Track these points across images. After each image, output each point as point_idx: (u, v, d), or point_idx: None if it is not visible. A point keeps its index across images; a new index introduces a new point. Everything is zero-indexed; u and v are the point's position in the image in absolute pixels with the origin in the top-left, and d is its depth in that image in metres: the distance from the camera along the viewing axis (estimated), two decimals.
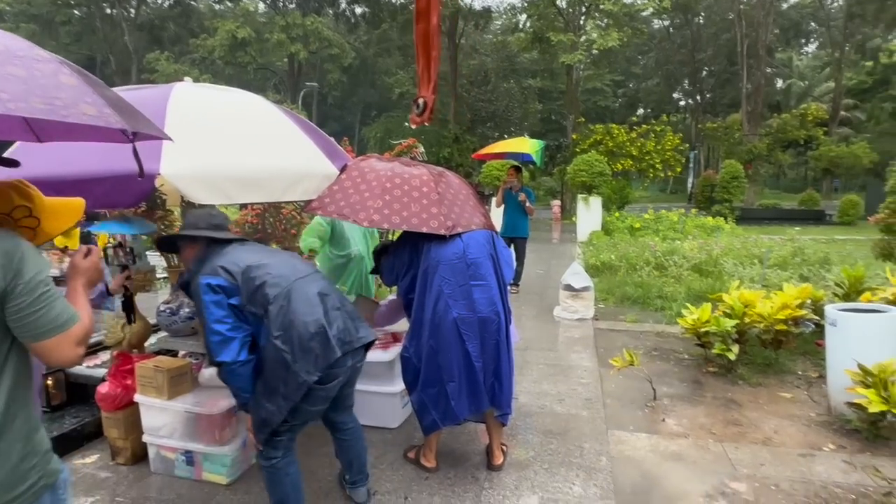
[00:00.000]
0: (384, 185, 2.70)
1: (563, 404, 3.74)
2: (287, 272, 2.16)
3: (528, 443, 3.18)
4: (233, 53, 21.87)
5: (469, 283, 2.64)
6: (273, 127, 2.85)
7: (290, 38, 20.82)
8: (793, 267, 7.42)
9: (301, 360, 2.02)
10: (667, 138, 19.41)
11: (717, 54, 32.86)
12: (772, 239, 10.03)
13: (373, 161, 2.99)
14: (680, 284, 7.03)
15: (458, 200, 2.82)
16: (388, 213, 2.63)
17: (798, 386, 4.00)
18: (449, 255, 2.65)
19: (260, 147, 2.67)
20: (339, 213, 2.67)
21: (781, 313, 4.17)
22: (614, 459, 2.99)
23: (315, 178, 2.78)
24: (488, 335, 2.67)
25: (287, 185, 2.67)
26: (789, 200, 25.45)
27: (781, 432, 3.30)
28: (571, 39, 18.70)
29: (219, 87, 3.00)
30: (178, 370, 2.79)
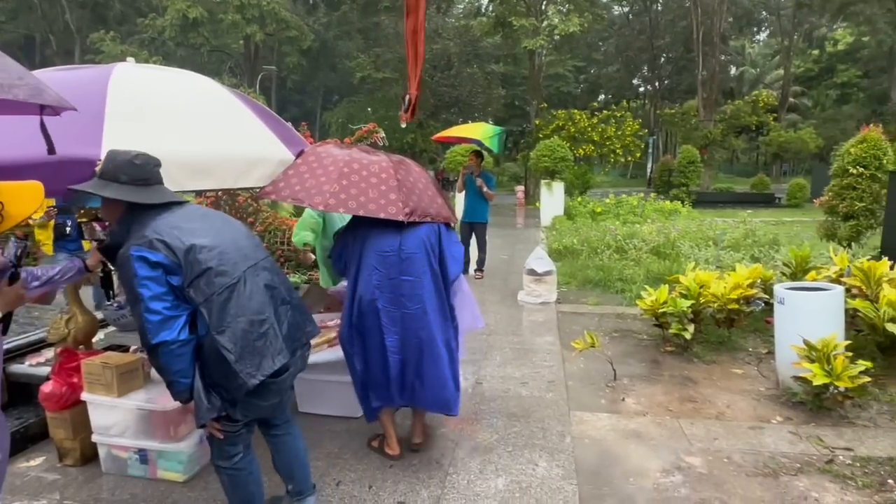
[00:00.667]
0: (341, 170, 2.63)
1: (526, 387, 3.79)
2: (237, 258, 1.92)
3: (493, 426, 3.21)
4: (184, 34, 20.89)
5: (399, 277, 2.61)
6: (224, 110, 2.73)
7: (246, 18, 20.03)
8: (745, 248, 7.71)
9: (244, 361, 1.81)
10: (627, 124, 19.83)
11: (675, 41, 33.58)
12: (725, 222, 10.40)
13: (330, 147, 2.93)
14: (639, 267, 7.21)
15: (416, 188, 2.78)
16: (345, 198, 2.56)
17: (749, 362, 4.18)
18: (383, 247, 2.63)
19: (210, 131, 2.55)
20: (294, 198, 2.59)
21: (734, 293, 4.33)
22: (576, 440, 3.05)
23: (270, 163, 2.68)
24: (411, 332, 2.63)
25: (240, 172, 2.57)
26: (742, 184, 26.45)
27: (733, 406, 3.44)
28: (533, 24, 18.74)
29: (164, 68, 2.86)
30: (127, 366, 2.67)
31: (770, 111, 26.11)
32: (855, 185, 7.15)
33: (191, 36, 21.23)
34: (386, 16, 25.82)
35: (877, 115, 24.88)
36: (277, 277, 2.07)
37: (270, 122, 2.93)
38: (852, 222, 7.25)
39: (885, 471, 2.66)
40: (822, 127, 29.12)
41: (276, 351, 1.89)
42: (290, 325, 2.01)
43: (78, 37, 22.98)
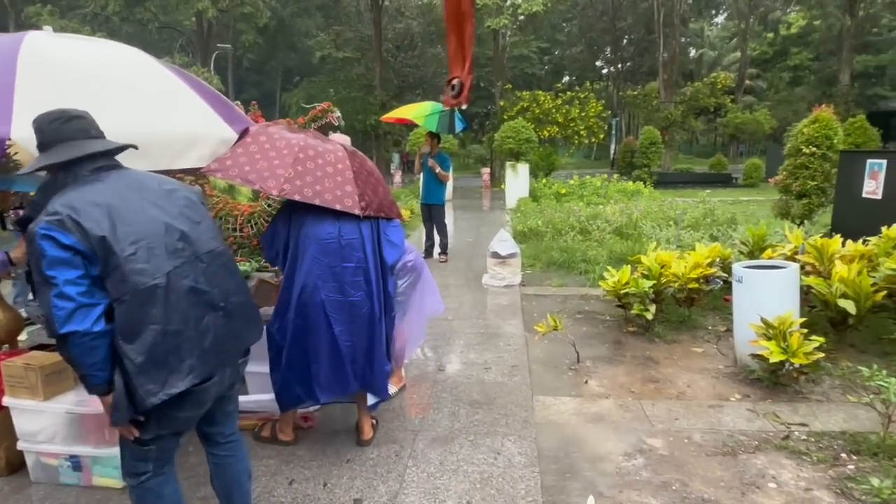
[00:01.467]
0: (296, 155, 2.47)
1: (489, 373, 3.72)
2: (163, 253, 1.64)
3: (455, 415, 3.13)
4: (130, 9, 19.61)
5: (341, 264, 2.51)
6: (158, 85, 2.49)
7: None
8: (704, 227, 7.85)
9: (146, 375, 1.55)
10: (590, 105, 19.93)
11: (637, 23, 33.83)
12: (685, 202, 10.58)
13: (281, 128, 2.73)
14: (602, 248, 7.24)
15: (370, 182, 2.68)
16: (300, 185, 2.41)
17: (708, 340, 4.23)
18: (322, 235, 2.50)
19: (141, 107, 2.31)
20: (244, 179, 2.39)
21: (694, 272, 4.35)
22: (539, 425, 3.00)
23: (210, 142, 2.47)
24: (359, 318, 2.56)
25: (177, 152, 2.35)
26: (701, 165, 27.07)
27: (693, 385, 3.46)
28: (497, 3, 18.47)
29: (87, 38, 2.58)
30: (54, 366, 2.44)
31: (727, 93, 26.72)
32: (807, 165, 7.34)
33: (137, 11, 19.98)
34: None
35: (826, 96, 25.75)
36: (215, 278, 1.77)
37: (210, 99, 2.70)
38: (805, 201, 7.46)
39: (839, 445, 2.71)
40: (775, 108, 29.99)
41: (188, 369, 1.63)
42: (219, 336, 1.74)
43: (12, 11, 21.36)
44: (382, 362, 2.69)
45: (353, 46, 25.16)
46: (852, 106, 23.40)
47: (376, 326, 2.62)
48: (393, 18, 28.24)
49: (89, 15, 20.74)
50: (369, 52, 24.89)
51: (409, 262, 3.33)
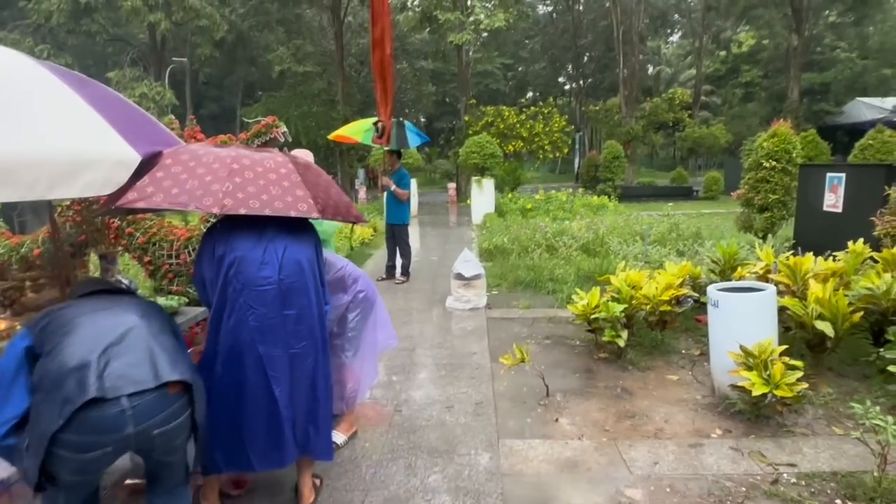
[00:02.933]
0: (230, 167, 2.10)
1: (451, 412, 3.37)
2: (87, 309, 1.81)
3: (412, 468, 2.76)
4: (76, 20, 18.71)
5: (283, 312, 2.14)
6: (36, 96, 2.06)
7: (148, 5, 18.19)
8: (670, 242, 7.76)
9: (46, 402, 1.58)
10: (554, 120, 20.08)
11: (597, 40, 34.63)
12: (651, 215, 10.55)
13: (204, 145, 2.38)
14: (570, 265, 7.03)
15: (320, 184, 2.32)
16: (244, 197, 2.03)
17: (683, 366, 4.00)
18: (258, 279, 2.11)
19: (12, 124, 1.90)
20: (173, 203, 2.00)
21: (665, 293, 4.14)
22: (505, 476, 2.66)
23: (102, 165, 2.04)
24: (302, 374, 2.21)
25: (57, 178, 1.92)
26: (662, 178, 27.65)
27: (671, 420, 3.20)
28: (459, 19, 18.48)
29: None
30: None
31: (685, 108, 27.52)
32: (768, 178, 7.34)
33: (84, 23, 19.04)
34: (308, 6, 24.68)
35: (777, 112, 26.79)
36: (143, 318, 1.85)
37: (112, 114, 2.29)
38: (767, 214, 7.44)
39: (832, 489, 2.47)
40: (730, 123, 31.03)
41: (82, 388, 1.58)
42: (128, 364, 1.68)
43: None
44: (327, 421, 2.34)
45: (315, 61, 24.76)
46: (802, 121, 24.34)
47: (320, 380, 2.27)
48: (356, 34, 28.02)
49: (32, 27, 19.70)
50: (331, 66, 24.53)
51: (360, 294, 2.98)
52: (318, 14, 26.04)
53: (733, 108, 35.10)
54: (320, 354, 2.26)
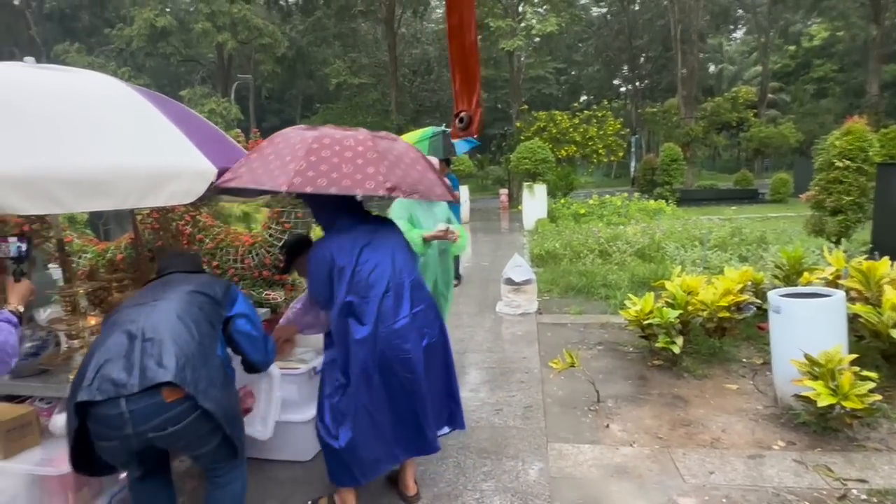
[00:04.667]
0: (309, 146, 2.14)
1: (500, 415, 3.41)
2: (137, 300, 2.00)
3: (461, 467, 2.82)
4: (153, 44, 20.23)
5: (412, 311, 2.27)
6: (129, 115, 2.31)
7: (217, 26, 19.43)
8: (732, 247, 7.42)
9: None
10: (608, 124, 19.65)
11: (653, 40, 33.65)
12: (711, 220, 10.15)
13: (300, 128, 2.39)
14: (624, 271, 6.88)
15: (402, 162, 2.29)
16: (313, 175, 2.06)
17: (743, 375, 3.84)
18: (387, 282, 2.25)
19: (110, 140, 2.13)
20: (256, 182, 2.12)
21: (724, 300, 3.99)
22: (554, 480, 2.67)
23: (186, 177, 2.26)
24: (436, 360, 2.39)
25: (146, 188, 2.13)
26: (725, 181, 26.41)
27: (729, 430, 3.09)
28: (510, 25, 18.50)
29: (57, 68, 2.43)
30: (16, 421, 2.24)
31: (750, 107, 26.17)
32: (841, 179, 6.90)
33: (160, 46, 20.58)
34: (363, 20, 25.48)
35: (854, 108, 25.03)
36: (154, 319, 1.87)
37: (191, 129, 2.52)
38: (840, 217, 6.99)
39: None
40: (801, 121, 29.26)
41: (80, 387, 1.75)
42: (120, 367, 1.75)
43: (44, 49, 22.27)
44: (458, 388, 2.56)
45: (369, 72, 25.47)
46: (883, 116, 22.62)
47: (449, 358, 2.48)
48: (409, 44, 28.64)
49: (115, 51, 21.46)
50: (385, 77, 25.17)
51: None
52: (372, 27, 26.83)
53: (804, 106, 33.09)
54: (446, 334, 2.47)
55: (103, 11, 26.85)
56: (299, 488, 2.67)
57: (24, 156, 1.86)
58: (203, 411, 1.78)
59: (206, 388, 1.79)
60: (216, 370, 1.89)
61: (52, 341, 2.52)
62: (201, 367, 1.81)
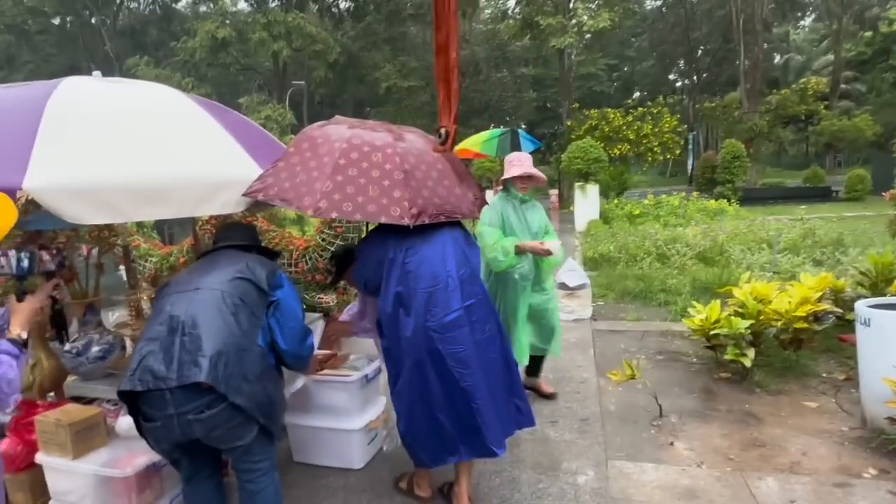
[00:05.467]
0: (336, 162, 2.14)
1: (556, 427, 3.27)
2: (179, 288, 2.00)
3: (515, 483, 2.71)
4: (214, 55, 21.27)
5: (464, 304, 2.22)
6: (187, 127, 2.36)
7: (273, 35, 20.18)
8: (805, 250, 6.92)
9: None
10: (664, 120, 18.92)
11: (713, 32, 32.14)
12: (779, 220, 9.53)
13: (330, 129, 2.39)
14: (684, 275, 6.53)
15: (428, 181, 2.28)
16: (339, 199, 2.08)
17: (824, 392, 3.52)
18: (435, 275, 2.21)
19: (166, 151, 2.18)
20: (282, 199, 2.15)
21: (801, 309, 3.69)
22: (615, 501, 2.51)
23: (237, 186, 2.28)
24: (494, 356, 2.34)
25: (201, 197, 2.18)
26: (792, 178, 24.87)
27: (811, 454, 2.82)
28: (561, 22, 18.15)
29: (122, 81, 2.52)
30: (85, 422, 2.32)
31: (820, 99, 24.47)
32: None
33: (220, 56, 21.58)
34: (412, 24, 25.72)
35: None
36: (195, 308, 1.89)
37: (245, 138, 2.54)
38: None
39: None
40: (879, 113, 27.10)
41: (129, 376, 1.83)
42: (157, 359, 1.81)
43: (117, 63, 23.85)
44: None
45: (418, 75, 25.68)
46: None
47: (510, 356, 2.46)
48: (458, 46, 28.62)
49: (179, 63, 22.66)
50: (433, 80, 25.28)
51: None
52: (421, 30, 27.03)
53: (882, 96, 30.64)
54: (502, 331, 2.43)
55: (170, 26, 28.49)
56: (350, 496, 2.65)
57: (85, 167, 1.92)
58: (234, 404, 1.83)
59: (238, 384, 1.83)
60: (253, 363, 1.91)
61: (119, 345, 2.61)
62: (235, 363, 1.85)
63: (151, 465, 2.30)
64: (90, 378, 2.50)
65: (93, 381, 2.50)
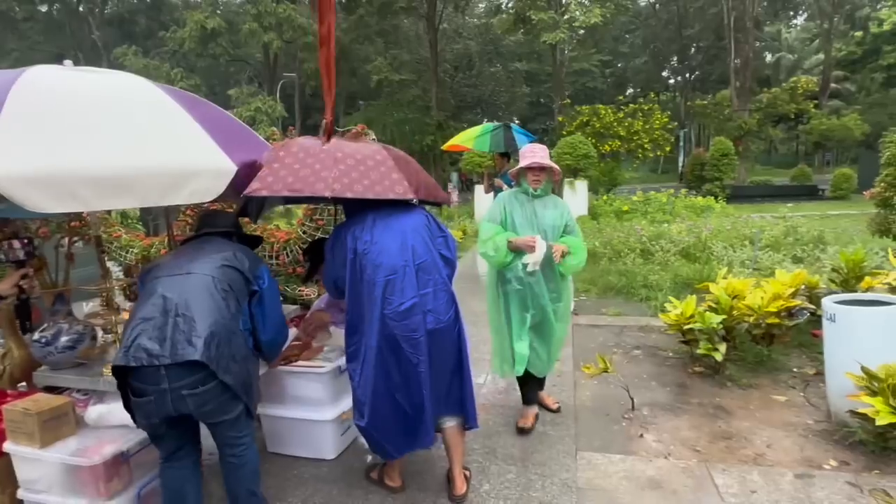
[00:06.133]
0: (334, 156, 2.32)
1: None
2: (166, 271, 2.11)
3: (484, 472, 2.74)
4: (204, 45, 21.02)
5: (419, 293, 2.27)
6: (153, 115, 2.33)
7: (263, 26, 19.99)
8: (785, 248, 7.00)
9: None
10: (655, 117, 18.97)
11: (705, 29, 32.28)
12: (763, 217, 9.63)
13: (309, 139, 2.57)
14: (666, 272, 6.60)
15: (412, 168, 2.50)
16: (349, 182, 2.24)
17: (793, 386, 3.59)
18: (392, 264, 2.25)
19: (131, 140, 2.16)
20: (290, 189, 2.26)
21: (773, 305, 3.75)
22: (581, 491, 2.56)
23: (205, 176, 2.27)
24: (446, 347, 2.37)
25: (167, 187, 2.16)
26: (781, 176, 25.10)
27: (775, 446, 2.88)
28: (553, 18, 18.12)
29: (90, 70, 2.49)
30: (53, 412, 2.31)
31: (810, 98, 24.68)
32: None
33: (210, 46, 21.34)
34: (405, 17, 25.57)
35: None
36: (184, 289, 2.03)
37: (215, 127, 2.53)
38: None
39: None
40: (867, 112, 27.38)
41: (122, 353, 1.92)
42: (151, 338, 1.92)
43: (105, 53, 23.53)
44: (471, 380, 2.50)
45: (410, 69, 25.59)
46: None
47: (464, 349, 2.45)
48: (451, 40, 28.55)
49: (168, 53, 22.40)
50: (426, 73, 25.20)
51: None
52: (414, 23, 26.90)
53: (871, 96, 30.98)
54: (460, 321, 2.42)
55: (159, 15, 28.11)
56: (322, 487, 2.67)
57: (47, 155, 1.90)
58: (223, 382, 1.97)
59: (227, 364, 1.98)
60: (239, 345, 2.07)
61: (89, 335, 2.61)
62: (225, 344, 2.00)
63: (119, 454, 2.30)
64: (59, 367, 2.49)
65: (62, 370, 2.50)
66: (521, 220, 2.96)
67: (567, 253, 2.88)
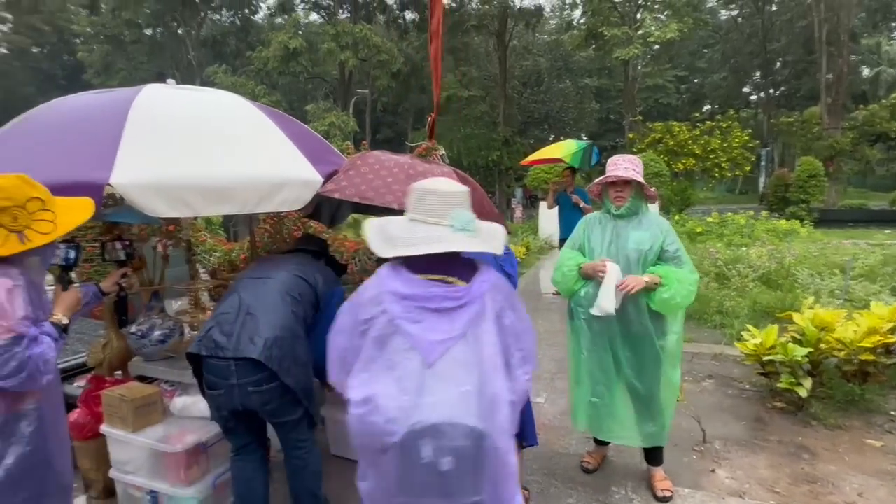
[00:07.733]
0: (407, 172, 2.44)
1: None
2: (256, 272, 2.35)
3: (544, 495, 2.69)
4: (286, 64, 22.39)
5: None
6: (250, 131, 2.55)
7: (340, 46, 21.04)
8: (883, 278, 6.39)
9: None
10: (734, 135, 18.01)
11: (792, 43, 30.41)
12: (857, 244, 8.88)
13: (386, 153, 2.71)
14: (744, 298, 6.21)
15: (476, 195, 2.32)
16: None
17: (891, 430, 3.26)
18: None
19: (233, 153, 2.37)
20: (362, 196, 2.39)
21: (868, 340, 3.44)
22: None
23: (295, 185, 2.45)
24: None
25: (263, 195, 2.35)
26: (878, 200, 23.01)
27: (868, 495, 2.63)
28: (626, 33, 17.77)
29: (194, 88, 2.74)
30: (144, 399, 2.53)
31: None
32: None
33: (291, 65, 22.68)
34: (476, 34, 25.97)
35: None
36: (259, 293, 2.21)
37: (302, 141, 2.71)
38: None
39: None
40: None
41: (201, 340, 2.12)
42: (224, 332, 2.09)
43: (198, 71, 25.61)
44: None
45: (479, 85, 25.87)
46: None
47: None
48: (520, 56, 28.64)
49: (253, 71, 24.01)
50: (494, 89, 25.39)
51: None
52: (484, 40, 27.25)
53: None
54: None
55: (247, 36, 30.25)
56: None
57: (164, 166, 2.12)
58: (284, 383, 2.08)
59: (288, 366, 2.08)
60: (302, 351, 2.17)
61: (178, 331, 2.83)
62: (289, 347, 2.10)
63: (200, 443, 2.47)
64: (151, 359, 2.72)
65: (153, 361, 2.72)
66: (598, 244, 2.53)
67: (658, 284, 2.37)
